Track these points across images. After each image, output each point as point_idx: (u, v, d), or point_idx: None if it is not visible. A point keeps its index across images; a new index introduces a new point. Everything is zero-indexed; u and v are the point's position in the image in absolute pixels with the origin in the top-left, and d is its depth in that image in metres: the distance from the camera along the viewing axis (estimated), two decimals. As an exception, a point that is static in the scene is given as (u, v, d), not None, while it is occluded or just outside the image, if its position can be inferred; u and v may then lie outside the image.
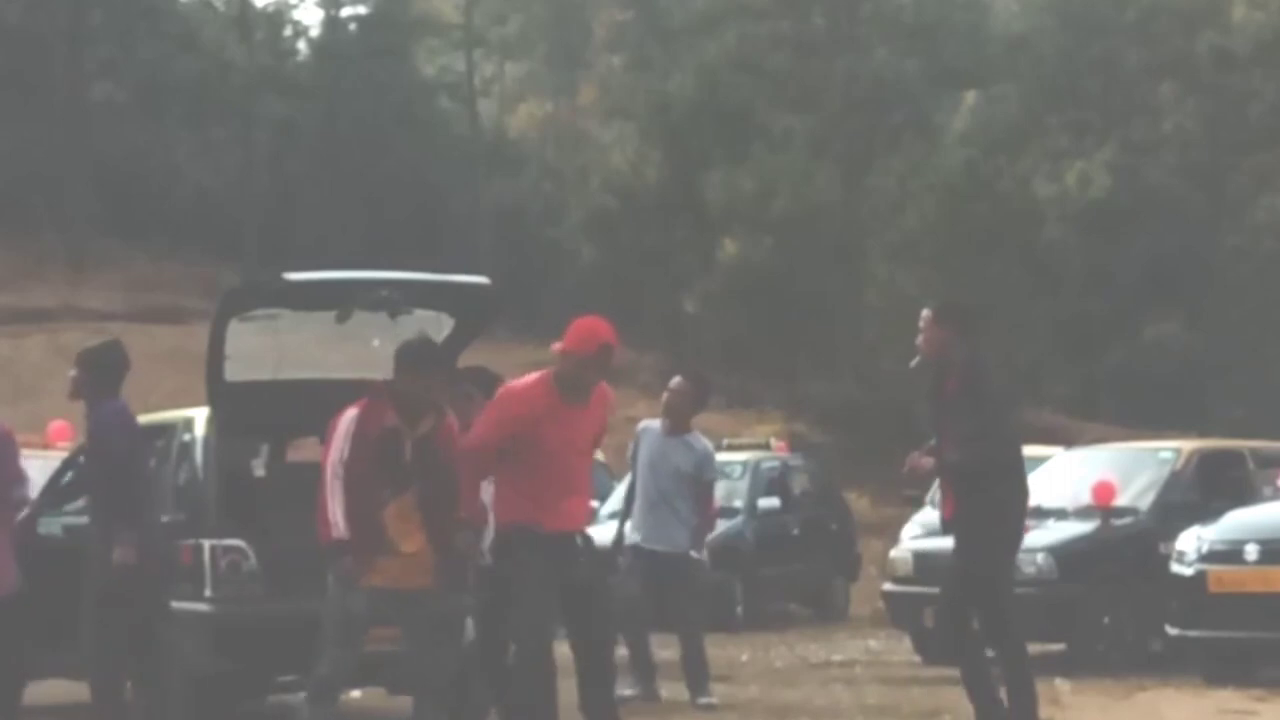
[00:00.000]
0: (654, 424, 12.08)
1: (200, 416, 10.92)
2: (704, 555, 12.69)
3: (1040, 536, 14.34)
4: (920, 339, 9.40)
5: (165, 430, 11.25)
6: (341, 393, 9.27)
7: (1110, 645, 14.07)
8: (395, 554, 8.86)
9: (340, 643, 8.93)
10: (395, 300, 10.24)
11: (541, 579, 8.34)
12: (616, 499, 15.57)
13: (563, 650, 8.55)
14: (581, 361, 8.27)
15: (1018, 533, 9.52)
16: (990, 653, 9.42)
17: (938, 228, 38.14)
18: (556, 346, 8.39)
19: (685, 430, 12.02)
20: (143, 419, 12.01)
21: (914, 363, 9.56)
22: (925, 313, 9.43)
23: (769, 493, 20.75)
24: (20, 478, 10.08)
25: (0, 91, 45.50)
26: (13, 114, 45.37)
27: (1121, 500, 14.64)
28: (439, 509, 8.87)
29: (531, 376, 8.59)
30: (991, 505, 9.14)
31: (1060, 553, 14.02)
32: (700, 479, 11.90)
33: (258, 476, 11.79)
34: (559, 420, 8.29)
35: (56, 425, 15.69)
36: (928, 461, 9.32)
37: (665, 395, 12.17)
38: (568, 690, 8.62)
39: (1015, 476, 9.35)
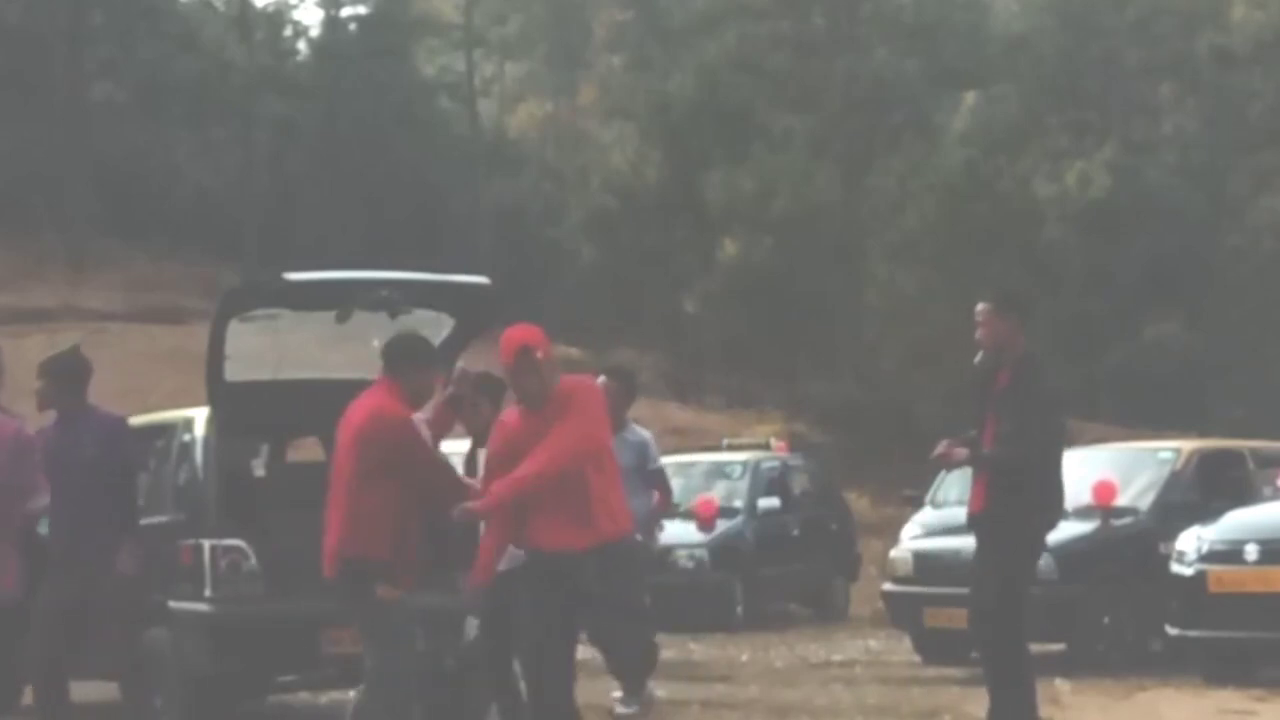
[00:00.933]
0: None
1: (200, 416, 10.91)
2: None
3: (1040, 536, 14.34)
4: (979, 332, 9.18)
5: (165, 430, 11.25)
6: (341, 393, 9.26)
7: (1110, 645, 14.05)
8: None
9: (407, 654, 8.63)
10: (395, 300, 10.23)
11: (536, 604, 8.24)
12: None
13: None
14: (510, 373, 8.19)
15: (1043, 537, 9.40)
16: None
17: (938, 228, 38.14)
18: None
19: (621, 427, 11.69)
20: (143, 419, 12.02)
21: (978, 359, 9.34)
22: (982, 306, 9.18)
23: (769, 493, 20.72)
24: (37, 488, 10.01)
25: (0, 91, 45.51)
26: (13, 114, 45.37)
27: (1121, 500, 14.62)
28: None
29: None
30: (1022, 506, 9.03)
31: (1060, 553, 13.97)
32: (644, 469, 11.66)
33: (258, 476, 11.78)
34: (533, 433, 8.13)
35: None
36: (961, 452, 9.11)
37: None
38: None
39: (1052, 480, 9.20)
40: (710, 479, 20.56)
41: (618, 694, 11.48)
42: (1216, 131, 48.01)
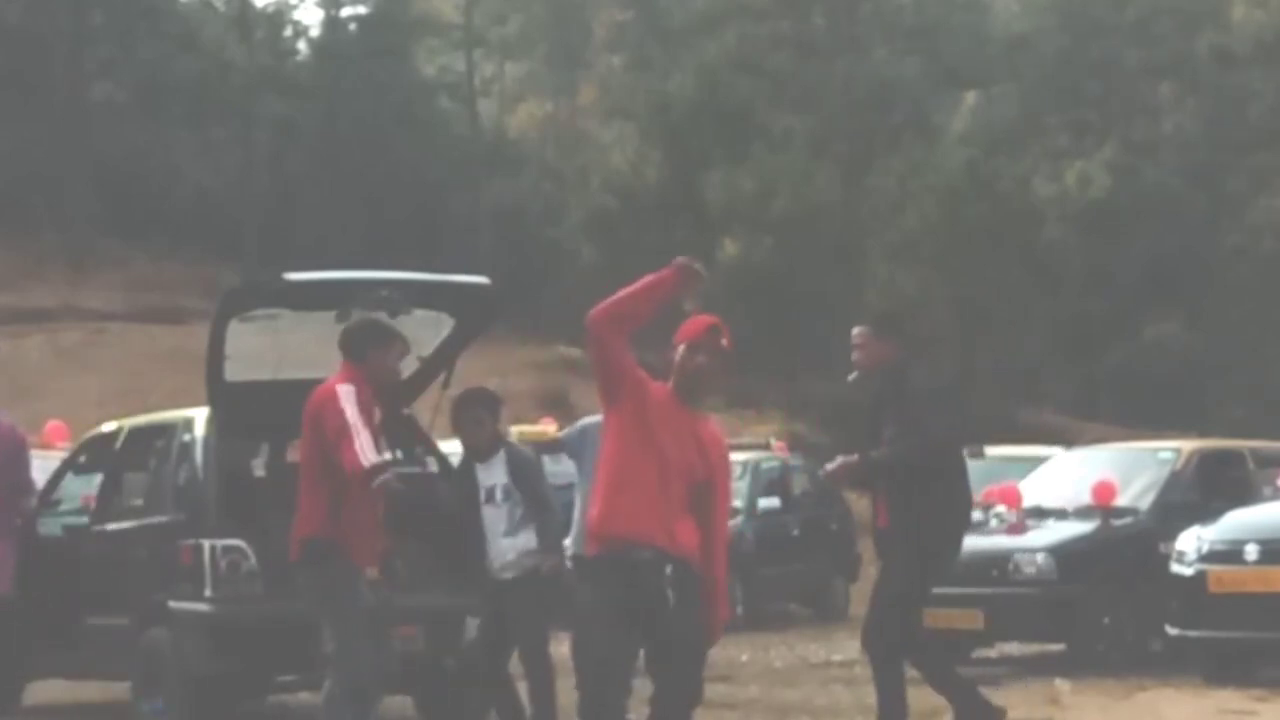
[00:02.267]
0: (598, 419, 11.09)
1: (200, 416, 10.90)
2: None
3: (1040, 536, 14.34)
4: (855, 355, 9.17)
5: (165, 430, 11.24)
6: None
7: (1110, 645, 14.04)
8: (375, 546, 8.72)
9: (367, 635, 8.55)
10: (395, 300, 10.22)
11: (604, 606, 6.88)
12: None
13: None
14: (689, 347, 7.09)
15: (945, 548, 9.29)
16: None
17: (938, 228, 38.17)
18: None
19: None
20: (143, 419, 12.03)
21: (852, 377, 9.32)
22: (859, 329, 9.19)
23: (769, 493, 20.70)
24: (29, 489, 10.02)
25: (0, 91, 45.52)
26: (13, 114, 45.39)
27: (1121, 500, 14.61)
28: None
29: None
30: (922, 517, 8.97)
31: (1060, 553, 14.00)
32: None
33: (258, 476, 11.78)
34: (667, 416, 7.01)
35: (54, 425, 15.69)
36: (850, 460, 9.14)
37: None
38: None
39: (950, 487, 9.12)
40: (710, 479, 20.53)
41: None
42: (1216, 131, 48.01)
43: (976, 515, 16.81)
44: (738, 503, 20.26)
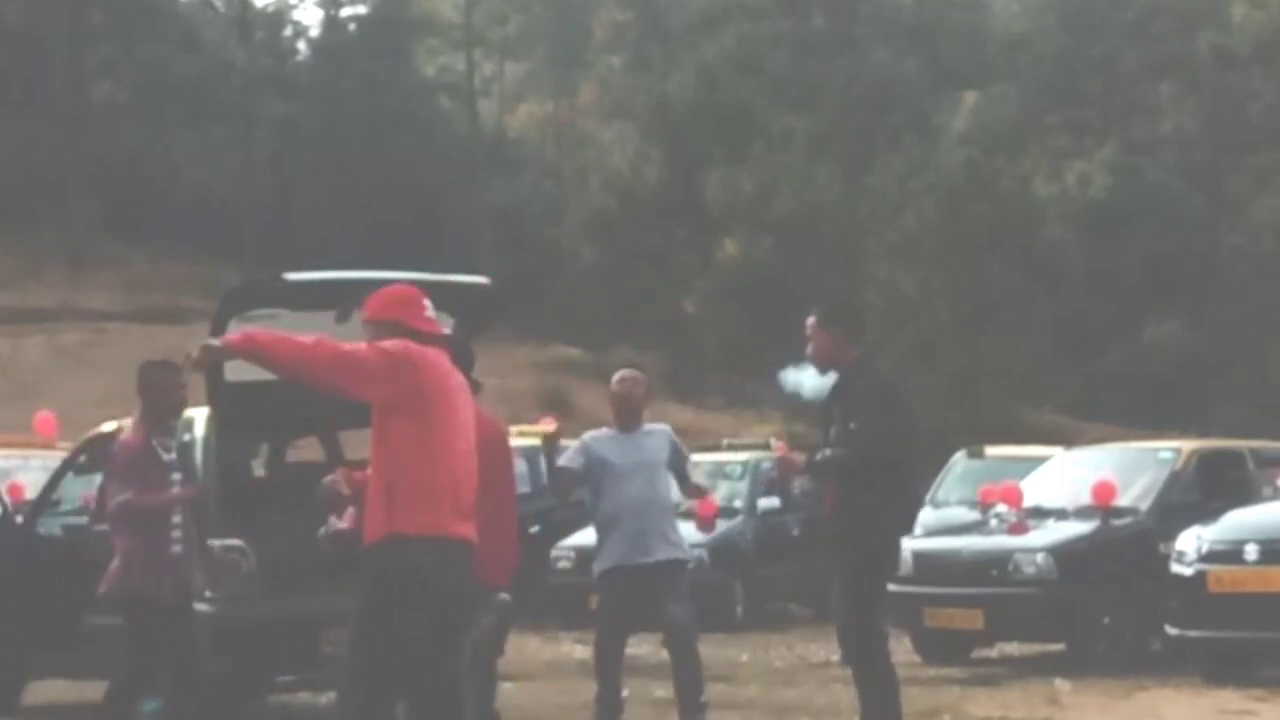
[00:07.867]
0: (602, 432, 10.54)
1: (200, 416, 10.91)
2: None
3: (1040, 536, 14.35)
4: (809, 347, 9.15)
5: (165, 430, 11.24)
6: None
7: (1110, 645, 14.04)
8: None
9: None
10: (395, 300, 10.20)
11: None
12: None
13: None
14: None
15: (894, 542, 9.19)
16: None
17: (938, 228, 38.15)
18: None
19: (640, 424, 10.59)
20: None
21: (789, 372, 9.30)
22: (810, 320, 9.15)
23: (769, 493, 20.69)
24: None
25: (0, 91, 45.54)
26: (13, 114, 45.40)
27: (1121, 500, 14.61)
28: None
29: None
30: (868, 511, 8.93)
31: (1060, 553, 14.00)
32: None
33: (258, 476, 11.78)
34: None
35: (42, 417, 15.53)
36: (798, 457, 9.15)
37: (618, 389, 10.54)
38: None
39: (900, 481, 9.01)
40: (710, 479, 20.52)
41: None
42: (1216, 131, 48.05)
43: (976, 515, 16.90)
44: (738, 503, 20.30)
